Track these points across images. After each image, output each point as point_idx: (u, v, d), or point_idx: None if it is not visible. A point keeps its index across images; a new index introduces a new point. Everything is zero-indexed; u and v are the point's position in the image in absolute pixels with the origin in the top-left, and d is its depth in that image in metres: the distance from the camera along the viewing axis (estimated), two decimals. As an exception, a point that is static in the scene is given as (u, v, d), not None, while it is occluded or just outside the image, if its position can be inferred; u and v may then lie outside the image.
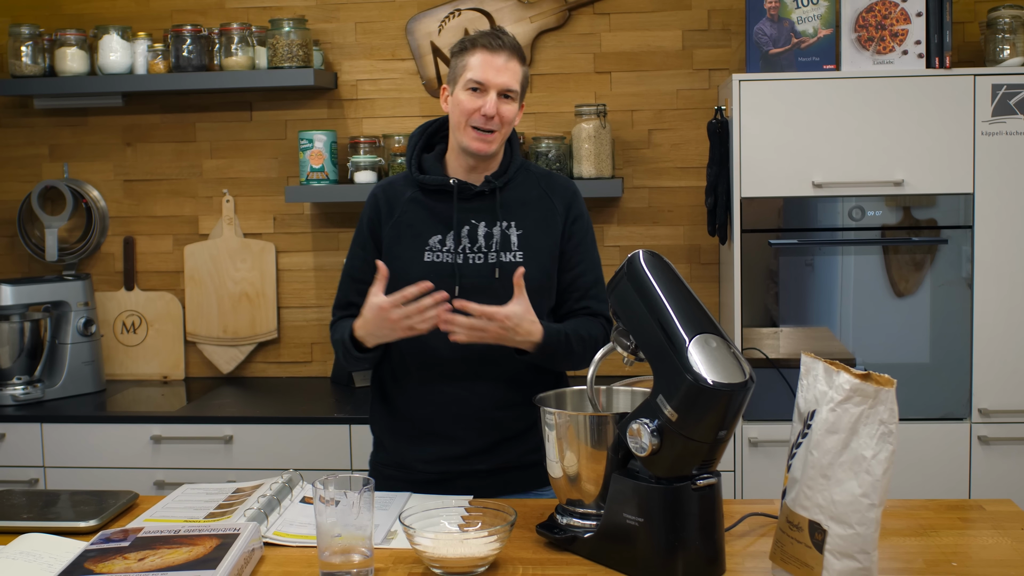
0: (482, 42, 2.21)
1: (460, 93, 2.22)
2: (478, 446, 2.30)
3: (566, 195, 2.35)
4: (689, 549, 1.72)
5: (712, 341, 1.71)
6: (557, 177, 2.39)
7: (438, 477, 2.28)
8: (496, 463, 2.30)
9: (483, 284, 2.25)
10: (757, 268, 3.19)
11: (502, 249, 2.27)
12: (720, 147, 3.24)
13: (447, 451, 2.30)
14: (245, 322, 3.80)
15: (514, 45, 2.23)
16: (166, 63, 3.62)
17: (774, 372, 3.14)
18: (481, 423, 2.29)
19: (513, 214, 2.29)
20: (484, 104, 2.20)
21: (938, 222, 3.15)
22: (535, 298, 2.25)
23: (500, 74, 2.20)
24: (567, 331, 2.23)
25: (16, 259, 3.93)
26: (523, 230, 2.29)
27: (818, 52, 3.17)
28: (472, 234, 2.27)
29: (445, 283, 2.24)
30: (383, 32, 3.73)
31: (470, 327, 2.10)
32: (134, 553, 1.73)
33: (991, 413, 3.14)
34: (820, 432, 1.63)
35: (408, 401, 2.33)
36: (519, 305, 2.12)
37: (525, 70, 2.27)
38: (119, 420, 3.31)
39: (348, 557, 1.73)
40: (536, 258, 2.28)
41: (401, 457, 2.34)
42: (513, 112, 2.24)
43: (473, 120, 2.21)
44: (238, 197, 3.81)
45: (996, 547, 1.86)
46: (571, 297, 2.33)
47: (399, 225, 2.30)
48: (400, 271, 2.27)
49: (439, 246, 2.27)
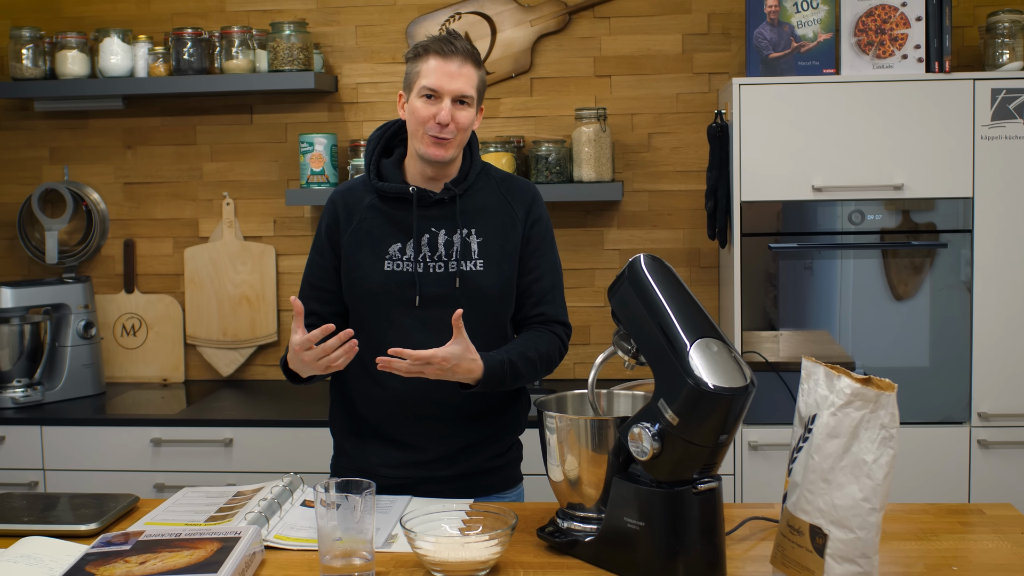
0: (434, 48, 2.18)
1: (415, 100, 2.19)
2: (441, 453, 2.28)
3: (525, 199, 2.32)
4: (690, 553, 1.72)
5: (713, 345, 1.71)
6: (517, 180, 2.36)
7: (400, 482, 2.25)
8: (461, 469, 2.29)
9: (443, 293, 2.23)
10: (757, 272, 3.19)
11: (462, 258, 2.24)
12: (720, 151, 3.24)
13: (410, 457, 2.28)
14: (245, 325, 3.80)
15: (467, 50, 2.20)
16: (167, 66, 3.62)
17: (774, 376, 3.14)
18: (444, 432, 2.27)
19: (473, 221, 2.26)
20: (439, 111, 2.16)
21: (937, 226, 3.15)
22: (496, 306, 2.25)
23: (454, 80, 2.17)
24: (511, 358, 2.19)
25: (16, 261, 3.93)
26: (483, 237, 2.26)
27: (818, 56, 3.18)
28: (432, 242, 2.25)
29: (405, 292, 2.23)
30: (383, 35, 3.74)
31: (407, 370, 2.06)
32: (135, 557, 1.73)
33: (991, 417, 3.14)
34: (821, 436, 1.63)
35: (369, 407, 2.30)
36: (457, 345, 2.07)
37: (481, 74, 2.23)
38: (119, 423, 3.31)
39: (349, 561, 1.73)
40: (497, 266, 2.26)
41: (364, 462, 2.31)
42: (470, 118, 2.21)
43: (428, 128, 2.18)
44: (238, 200, 3.82)
45: (996, 551, 1.87)
46: (527, 303, 2.31)
47: (358, 232, 2.27)
48: (359, 280, 2.26)
49: (399, 255, 2.24)
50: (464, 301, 2.20)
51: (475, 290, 2.24)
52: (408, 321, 2.23)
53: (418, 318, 2.23)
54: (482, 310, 2.24)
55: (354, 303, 2.29)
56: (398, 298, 2.24)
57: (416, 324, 2.23)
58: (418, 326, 2.23)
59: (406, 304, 2.23)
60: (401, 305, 2.24)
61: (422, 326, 2.23)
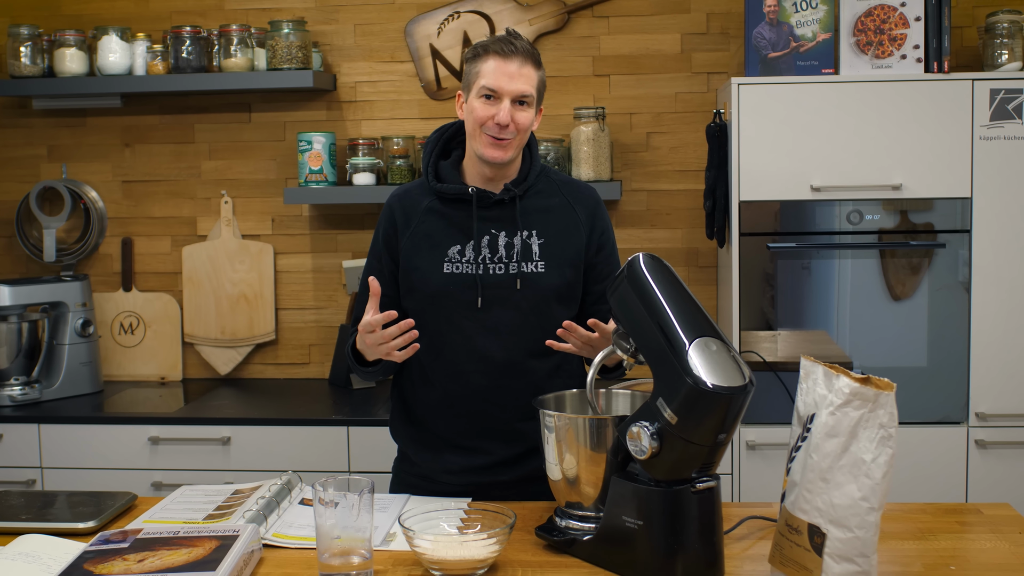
0: (495, 48, 2.15)
1: (474, 100, 2.17)
2: (503, 457, 2.26)
3: (589, 204, 2.31)
4: (688, 552, 1.72)
5: (712, 344, 1.72)
6: (579, 184, 2.35)
7: (463, 489, 2.23)
8: (521, 473, 2.26)
9: (504, 295, 2.21)
10: (755, 271, 3.20)
11: (523, 259, 2.22)
12: (719, 150, 3.24)
13: (472, 462, 2.26)
14: (243, 323, 3.80)
15: (527, 50, 2.17)
16: (165, 64, 3.62)
17: (771, 375, 3.14)
18: (505, 435, 2.25)
19: (534, 223, 2.24)
20: (498, 112, 2.14)
21: (936, 226, 3.15)
22: (556, 309, 2.22)
23: (513, 81, 2.14)
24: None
25: (14, 259, 3.93)
26: (544, 239, 2.24)
27: (817, 56, 3.18)
28: (492, 244, 2.22)
29: (466, 294, 2.20)
30: (382, 34, 3.73)
31: (587, 341, 2.05)
32: (133, 554, 1.73)
33: (988, 417, 3.15)
34: (820, 436, 1.64)
35: (430, 413, 2.29)
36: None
37: (541, 74, 2.20)
38: (117, 421, 3.31)
39: (347, 559, 1.73)
40: (558, 267, 2.24)
41: (427, 468, 2.30)
42: (529, 118, 2.18)
43: (487, 128, 2.16)
44: (236, 198, 3.81)
45: (994, 551, 1.87)
46: (605, 307, 2.25)
47: (416, 236, 2.25)
48: (420, 283, 2.23)
49: (458, 256, 2.22)
50: (525, 303, 2.19)
51: (536, 291, 2.22)
52: (469, 323, 2.21)
53: (479, 320, 2.21)
54: (543, 312, 2.22)
55: (414, 306, 2.25)
56: (458, 301, 2.21)
57: (476, 327, 2.21)
58: (478, 328, 2.21)
59: (467, 307, 2.21)
60: (462, 308, 2.21)
61: (483, 328, 2.21)
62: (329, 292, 3.78)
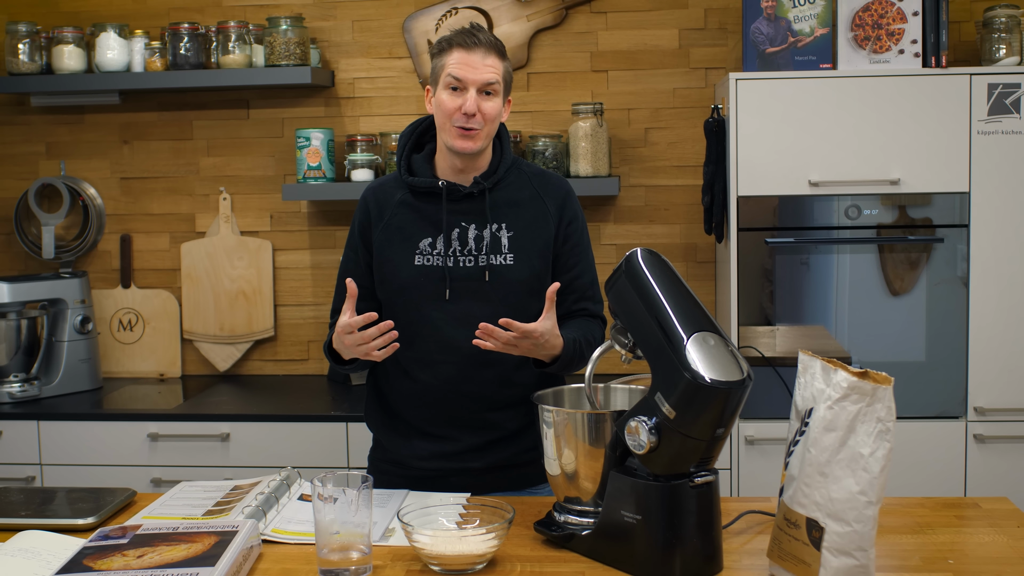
0: (458, 40, 2.21)
1: (441, 93, 2.22)
2: (472, 444, 2.30)
3: (559, 195, 2.33)
4: (687, 546, 1.72)
5: (710, 339, 1.72)
6: (550, 176, 2.38)
7: (433, 474, 2.29)
8: (490, 462, 2.30)
9: (473, 287, 2.25)
10: (753, 266, 3.20)
11: (492, 252, 2.26)
12: (717, 146, 3.24)
13: (441, 449, 2.31)
14: (242, 320, 3.80)
15: (491, 41, 2.22)
16: (163, 61, 3.62)
17: (770, 370, 3.14)
18: (474, 424, 2.30)
19: (503, 216, 2.28)
20: (464, 102, 2.18)
21: (934, 221, 3.15)
22: (527, 300, 2.25)
23: (477, 70, 2.19)
24: (578, 338, 2.22)
25: (13, 256, 3.93)
26: (514, 231, 2.27)
27: (815, 51, 3.18)
28: (462, 236, 2.26)
29: (435, 286, 2.24)
30: (380, 30, 3.73)
31: (507, 341, 2.08)
32: (133, 550, 1.73)
33: (986, 411, 3.15)
34: (818, 430, 1.64)
35: (402, 401, 2.34)
36: (549, 320, 2.10)
37: (506, 65, 2.25)
38: (116, 418, 3.31)
39: (346, 554, 1.73)
40: (528, 260, 2.27)
41: (397, 454, 2.35)
42: (496, 108, 2.23)
43: (455, 119, 2.20)
44: (235, 195, 3.81)
45: (992, 545, 1.87)
46: (569, 299, 2.33)
47: (389, 228, 2.30)
48: (391, 274, 2.28)
49: (429, 249, 2.26)
50: (494, 295, 2.23)
51: (505, 284, 2.25)
52: (438, 315, 2.25)
53: (448, 312, 2.25)
54: (512, 304, 2.24)
55: (386, 298, 2.31)
56: (428, 292, 2.25)
57: (446, 318, 2.25)
58: (448, 320, 2.25)
59: (435, 298, 2.25)
60: (431, 299, 2.25)
61: (452, 319, 2.24)
62: (328, 288, 3.78)
